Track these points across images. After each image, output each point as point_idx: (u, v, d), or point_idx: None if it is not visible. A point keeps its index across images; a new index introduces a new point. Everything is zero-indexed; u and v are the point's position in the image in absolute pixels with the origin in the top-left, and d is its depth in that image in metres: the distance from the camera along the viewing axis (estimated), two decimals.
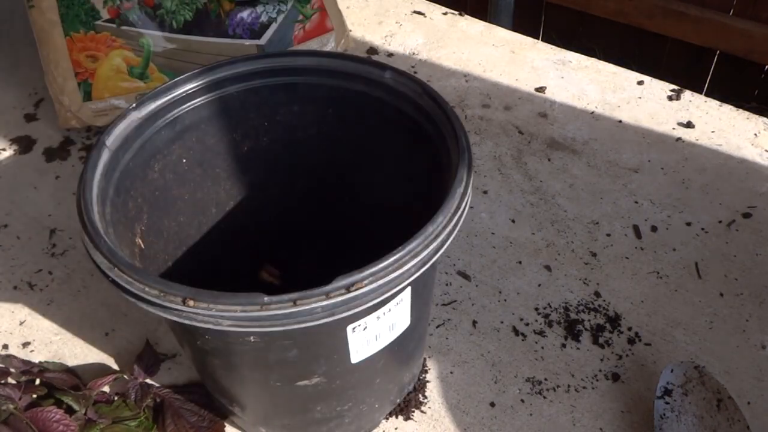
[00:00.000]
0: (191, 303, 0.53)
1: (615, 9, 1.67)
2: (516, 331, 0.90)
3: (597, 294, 0.94)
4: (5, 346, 0.91)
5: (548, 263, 0.98)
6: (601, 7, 1.70)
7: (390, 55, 1.35)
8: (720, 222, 1.03)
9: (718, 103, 1.22)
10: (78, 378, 0.84)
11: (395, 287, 0.55)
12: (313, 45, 1.26)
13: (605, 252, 0.99)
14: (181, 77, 0.73)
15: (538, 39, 1.40)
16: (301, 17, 1.24)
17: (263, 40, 1.23)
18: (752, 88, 1.68)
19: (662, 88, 1.25)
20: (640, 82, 1.27)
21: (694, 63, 1.70)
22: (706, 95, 1.25)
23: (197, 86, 0.74)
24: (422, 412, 0.83)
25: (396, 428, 0.82)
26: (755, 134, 1.16)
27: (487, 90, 1.26)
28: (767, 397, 0.83)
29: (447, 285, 0.96)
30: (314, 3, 1.25)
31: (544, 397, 0.84)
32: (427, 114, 0.69)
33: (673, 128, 1.17)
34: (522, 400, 0.84)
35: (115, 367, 0.88)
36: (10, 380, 0.82)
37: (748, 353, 0.87)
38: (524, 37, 1.38)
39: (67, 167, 1.16)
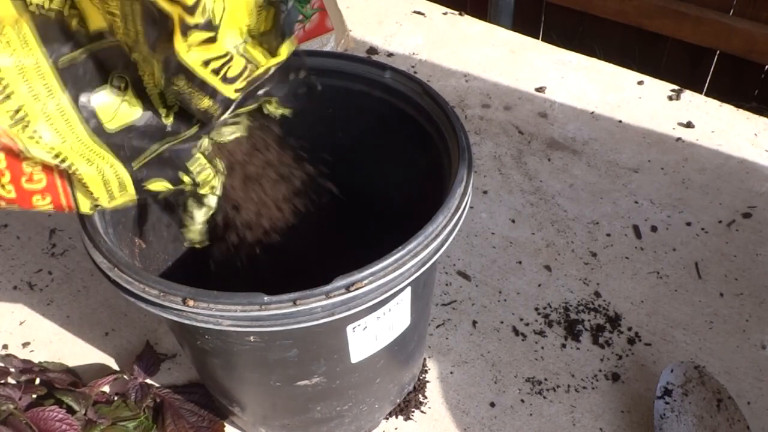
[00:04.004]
0: (191, 303, 0.53)
1: (615, 9, 1.67)
2: (516, 331, 0.90)
3: (597, 294, 0.94)
4: (5, 346, 0.91)
5: (548, 263, 0.98)
6: (601, 7, 1.70)
7: (390, 55, 1.35)
8: (720, 222, 1.03)
9: (718, 103, 1.22)
10: (78, 378, 0.84)
11: (395, 287, 0.55)
12: (313, 45, 1.26)
13: (605, 252, 0.99)
14: None
15: (538, 39, 1.40)
16: (301, 17, 1.24)
17: None
18: (752, 88, 1.68)
19: (662, 88, 1.25)
20: (640, 82, 1.27)
21: (694, 63, 1.70)
22: (706, 95, 1.25)
23: None
24: (422, 412, 0.83)
25: (396, 428, 0.82)
26: (755, 134, 1.16)
27: (487, 90, 1.26)
28: (767, 397, 0.83)
29: (447, 285, 0.96)
30: (314, 3, 1.25)
31: (544, 397, 0.84)
32: (427, 114, 0.69)
33: (673, 128, 1.17)
34: (522, 400, 0.84)
35: (115, 367, 0.88)
36: (10, 380, 0.82)
37: (748, 353, 0.87)
38: (524, 37, 1.38)
39: None
